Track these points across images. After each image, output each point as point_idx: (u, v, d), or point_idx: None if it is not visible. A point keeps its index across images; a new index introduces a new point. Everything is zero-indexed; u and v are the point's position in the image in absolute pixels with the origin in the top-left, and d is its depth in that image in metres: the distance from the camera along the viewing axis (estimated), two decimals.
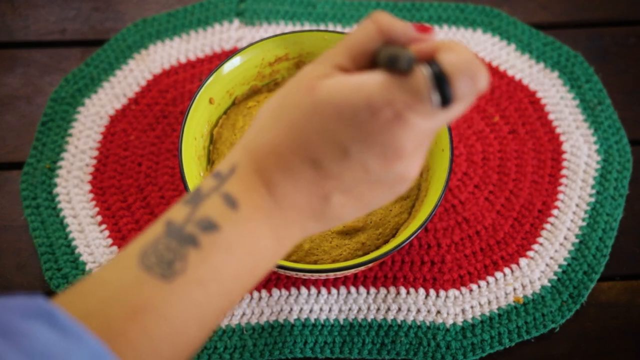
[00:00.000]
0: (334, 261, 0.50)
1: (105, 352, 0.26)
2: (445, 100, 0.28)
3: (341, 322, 0.52)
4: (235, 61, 0.54)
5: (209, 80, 0.52)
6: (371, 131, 0.29)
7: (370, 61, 0.32)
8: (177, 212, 0.31)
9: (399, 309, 0.53)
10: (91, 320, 0.27)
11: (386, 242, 0.51)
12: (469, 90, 0.28)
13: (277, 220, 0.32)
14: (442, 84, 0.28)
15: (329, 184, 0.31)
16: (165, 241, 0.30)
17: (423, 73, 0.28)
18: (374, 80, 0.29)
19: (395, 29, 0.31)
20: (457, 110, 0.30)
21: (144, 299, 0.29)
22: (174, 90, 0.63)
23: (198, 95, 0.52)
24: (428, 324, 0.52)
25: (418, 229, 0.46)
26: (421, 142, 0.31)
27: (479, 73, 0.28)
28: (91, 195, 0.57)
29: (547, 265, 0.55)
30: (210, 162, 0.55)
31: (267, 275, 0.54)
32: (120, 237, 0.55)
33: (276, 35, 0.54)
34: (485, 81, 0.29)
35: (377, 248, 0.51)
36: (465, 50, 0.29)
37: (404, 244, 0.46)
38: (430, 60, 0.28)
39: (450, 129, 0.49)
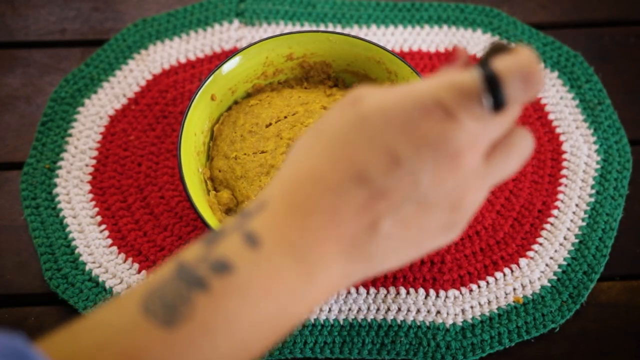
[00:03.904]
0: None
1: None
2: (498, 102, 0.27)
3: (341, 322, 0.52)
4: (239, 59, 0.54)
5: (212, 77, 0.52)
6: (422, 132, 0.27)
7: None
8: (191, 252, 0.28)
9: (399, 309, 0.53)
10: None
11: None
12: (521, 93, 0.27)
13: (312, 257, 0.28)
14: (494, 86, 0.27)
15: (378, 206, 0.28)
16: (173, 284, 0.27)
17: (474, 73, 0.27)
18: (423, 84, 0.28)
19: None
20: (510, 116, 0.29)
21: (142, 347, 0.26)
22: (174, 90, 0.63)
23: (200, 91, 0.52)
24: (428, 324, 0.52)
25: None
26: (480, 154, 0.28)
27: (533, 76, 0.27)
28: (91, 196, 0.57)
29: (547, 265, 0.55)
30: (210, 158, 0.55)
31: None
32: (120, 237, 0.55)
33: (281, 35, 0.54)
34: (540, 85, 0.27)
35: None
36: (525, 53, 0.28)
37: None
38: (484, 62, 0.28)
39: None
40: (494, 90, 0.27)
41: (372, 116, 0.28)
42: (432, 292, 0.53)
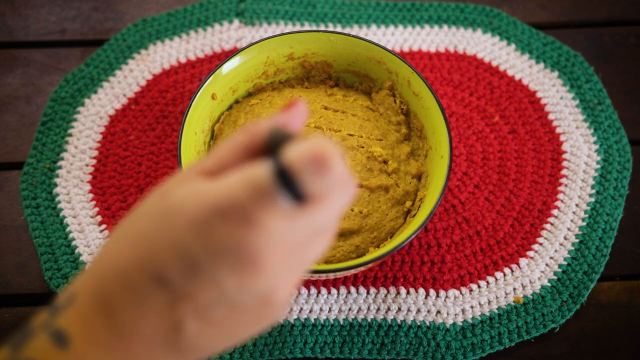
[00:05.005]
0: (326, 262, 0.50)
1: None
2: (296, 194, 0.25)
3: (341, 322, 0.52)
4: (240, 58, 0.54)
5: (212, 76, 0.52)
6: (220, 239, 0.25)
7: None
8: None
9: (399, 309, 0.53)
10: None
11: (380, 246, 0.51)
12: (320, 181, 0.25)
13: (123, 354, 0.27)
14: (288, 180, 0.25)
15: (181, 308, 0.27)
16: None
17: (264, 168, 0.25)
18: (224, 183, 0.26)
19: (260, 126, 0.29)
20: (329, 209, 0.26)
21: None
22: (174, 90, 0.63)
23: (201, 90, 0.52)
24: (428, 324, 0.52)
25: (412, 234, 0.45)
26: (288, 252, 0.27)
27: (327, 161, 0.25)
28: (91, 195, 0.57)
29: (547, 265, 0.55)
30: None
31: None
32: None
33: (282, 34, 0.54)
34: (339, 168, 0.25)
35: None
36: (317, 140, 0.26)
37: (397, 249, 0.45)
38: (273, 153, 0.26)
39: (450, 135, 0.49)
40: (288, 184, 0.25)
41: (172, 217, 0.26)
42: (432, 292, 0.53)
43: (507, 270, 0.55)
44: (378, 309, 0.53)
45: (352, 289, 0.53)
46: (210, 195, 0.26)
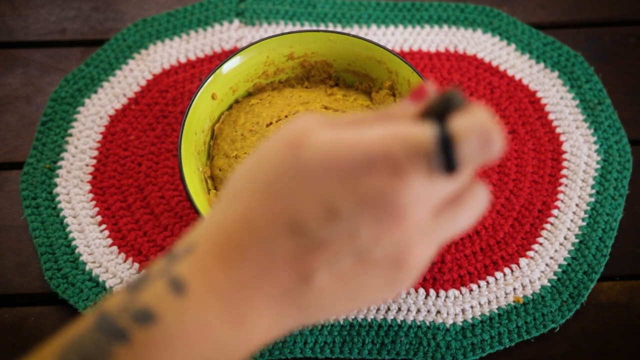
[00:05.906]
0: None
1: None
2: (450, 165, 0.25)
3: (341, 321, 0.52)
4: (240, 58, 0.54)
5: (212, 76, 0.52)
6: (367, 187, 0.25)
7: None
8: (114, 300, 0.27)
9: (399, 309, 0.53)
10: None
11: None
12: (477, 157, 0.25)
13: (240, 307, 0.27)
14: (448, 149, 0.25)
15: (313, 258, 0.26)
16: (92, 336, 0.25)
17: (429, 131, 0.25)
18: (375, 133, 0.26)
19: (394, 108, 0.28)
20: (465, 174, 0.27)
21: None
22: (174, 90, 0.63)
23: (201, 90, 0.52)
24: (428, 324, 0.52)
25: None
26: (427, 214, 0.26)
27: (492, 140, 0.25)
28: (91, 195, 0.57)
29: (547, 265, 0.55)
30: (210, 157, 0.55)
31: None
32: (120, 237, 0.55)
33: (282, 34, 0.54)
34: (498, 148, 0.26)
35: None
36: (483, 113, 0.26)
37: None
38: (442, 119, 0.26)
39: None
40: (447, 153, 0.25)
41: (314, 166, 0.26)
42: (432, 292, 0.53)
43: (507, 270, 0.55)
44: (378, 309, 0.53)
45: None
46: (361, 145, 0.25)
